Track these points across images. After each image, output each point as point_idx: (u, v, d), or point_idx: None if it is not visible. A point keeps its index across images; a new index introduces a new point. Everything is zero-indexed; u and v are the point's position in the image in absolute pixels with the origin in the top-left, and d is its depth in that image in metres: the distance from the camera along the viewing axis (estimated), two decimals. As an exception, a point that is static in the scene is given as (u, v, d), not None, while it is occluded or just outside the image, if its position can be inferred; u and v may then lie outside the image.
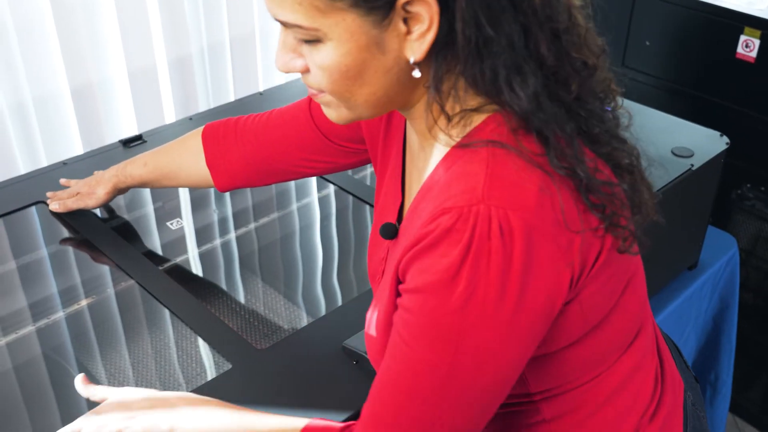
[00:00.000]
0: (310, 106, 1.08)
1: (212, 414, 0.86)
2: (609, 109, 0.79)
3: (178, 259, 1.34)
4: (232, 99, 2.03)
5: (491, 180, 0.69)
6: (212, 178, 1.18)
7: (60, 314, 1.24)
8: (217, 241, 1.41)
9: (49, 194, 1.35)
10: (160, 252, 1.35)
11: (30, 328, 1.21)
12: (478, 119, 0.74)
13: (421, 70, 0.73)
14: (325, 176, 1.47)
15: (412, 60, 0.72)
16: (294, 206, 1.51)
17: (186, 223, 1.42)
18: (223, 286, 1.32)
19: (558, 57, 0.71)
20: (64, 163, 1.46)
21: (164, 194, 1.48)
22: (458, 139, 0.75)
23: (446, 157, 0.76)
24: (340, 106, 0.78)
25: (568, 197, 0.71)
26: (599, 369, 0.82)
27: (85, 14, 1.70)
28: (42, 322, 1.22)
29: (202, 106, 1.99)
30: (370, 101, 0.76)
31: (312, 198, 1.53)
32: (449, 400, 0.72)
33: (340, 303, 1.27)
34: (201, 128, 1.20)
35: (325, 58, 0.72)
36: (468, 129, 0.75)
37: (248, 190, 1.53)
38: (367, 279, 1.34)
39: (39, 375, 1.18)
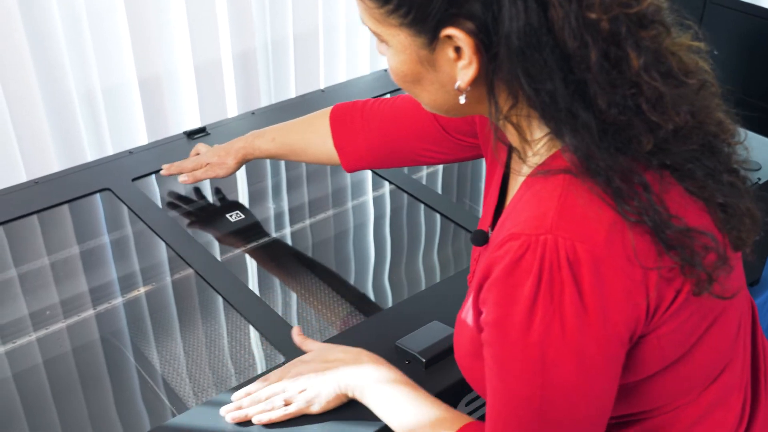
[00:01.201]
0: None
1: (391, 390, 0.91)
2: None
3: (236, 251, 1.36)
4: (293, 95, 2.04)
5: (562, 210, 0.69)
6: (340, 159, 1.21)
7: (120, 300, 1.27)
8: (274, 235, 1.42)
9: (165, 166, 1.40)
10: (219, 243, 1.37)
11: (90, 312, 1.24)
12: (558, 144, 0.74)
13: (481, 94, 0.74)
14: (382, 175, 1.47)
15: (456, 86, 0.74)
16: (350, 204, 1.52)
17: (245, 216, 1.44)
18: (279, 279, 1.34)
19: (624, 113, 0.68)
20: (130, 152, 1.49)
21: (224, 187, 1.50)
22: (538, 162, 0.76)
23: (527, 180, 0.77)
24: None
25: (643, 235, 0.70)
26: (678, 402, 0.81)
27: (155, 7, 1.74)
28: (102, 307, 1.25)
29: (264, 101, 2.01)
30: (433, 105, 0.80)
31: (368, 196, 1.54)
32: (552, 431, 0.73)
33: (390, 303, 1.27)
34: (328, 109, 1.23)
35: (389, 59, 0.78)
36: (548, 153, 0.75)
37: (304, 185, 1.55)
38: (417, 281, 1.34)
39: (96, 358, 1.21)
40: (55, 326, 1.21)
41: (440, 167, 1.62)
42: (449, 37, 0.71)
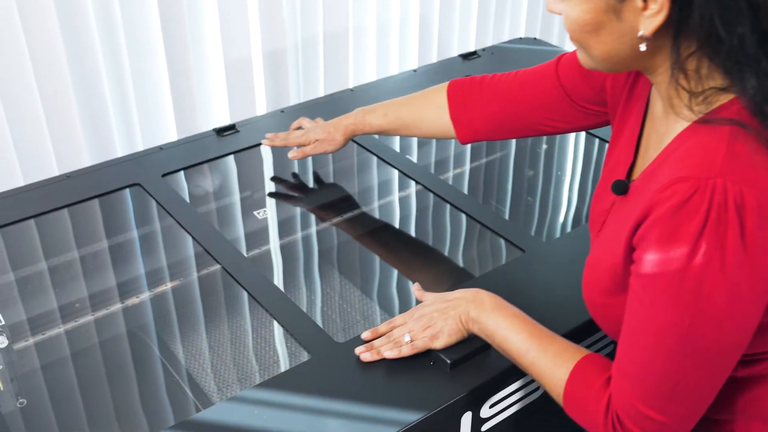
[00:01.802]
0: (557, 67, 1.14)
1: (511, 321, 0.98)
2: None
3: (263, 248, 1.37)
4: (322, 94, 2.05)
5: (730, 157, 0.76)
6: (455, 131, 1.25)
7: (147, 294, 1.28)
8: (300, 234, 1.43)
9: (269, 136, 1.45)
10: (246, 240, 1.38)
11: (118, 306, 1.26)
12: (724, 98, 0.80)
13: (657, 46, 0.80)
14: (409, 175, 1.47)
15: (639, 34, 0.79)
16: (376, 204, 1.52)
17: (271, 213, 1.45)
18: (304, 277, 1.34)
19: None
20: (161, 148, 1.50)
21: (252, 184, 1.51)
22: (701, 114, 0.80)
23: (688, 129, 0.82)
24: (584, 52, 0.86)
25: None
26: None
27: (188, 5, 1.75)
28: (130, 301, 1.26)
29: (293, 100, 2.02)
30: (604, 57, 0.84)
31: (394, 196, 1.54)
32: (691, 358, 0.79)
33: (415, 303, 1.27)
34: (444, 84, 1.27)
35: (571, 10, 0.82)
36: (713, 106, 0.80)
37: (335, 185, 1.55)
38: (442, 282, 1.34)
39: (123, 351, 1.22)
40: (84, 319, 1.23)
41: (467, 168, 1.62)
42: None
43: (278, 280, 1.31)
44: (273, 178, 1.53)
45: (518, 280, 1.17)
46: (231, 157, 1.50)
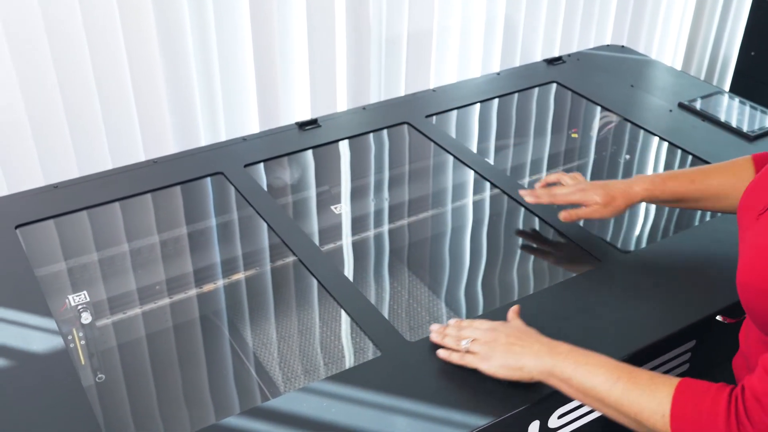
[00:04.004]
0: None
1: (589, 360, 0.95)
2: None
3: (337, 243, 1.38)
4: (402, 93, 2.05)
5: None
6: None
7: (223, 281, 1.31)
8: (374, 231, 1.43)
9: (529, 193, 1.30)
10: (321, 233, 1.39)
11: (194, 291, 1.29)
12: None
13: None
14: (486, 177, 1.46)
15: None
16: (449, 206, 1.52)
17: (346, 209, 1.46)
18: (376, 274, 1.35)
19: None
20: (244, 139, 1.53)
21: (330, 179, 1.52)
22: None
23: None
24: None
25: None
26: None
27: (278, 1, 1.78)
28: (206, 286, 1.29)
29: (373, 98, 2.03)
30: None
31: (469, 199, 1.53)
32: None
33: (482, 310, 1.26)
34: (749, 156, 1.21)
35: None
36: None
37: (411, 184, 1.56)
38: (511, 289, 1.32)
39: (196, 335, 1.25)
40: (162, 301, 1.26)
41: (544, 174, 1.60)
42: None
43: (351, 275, 1.32)
44: (350, 175, 1.54)
45: (593, 292, 1.15)
46: (311, 152, 1.52)
